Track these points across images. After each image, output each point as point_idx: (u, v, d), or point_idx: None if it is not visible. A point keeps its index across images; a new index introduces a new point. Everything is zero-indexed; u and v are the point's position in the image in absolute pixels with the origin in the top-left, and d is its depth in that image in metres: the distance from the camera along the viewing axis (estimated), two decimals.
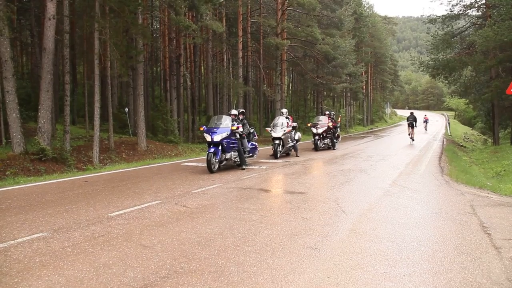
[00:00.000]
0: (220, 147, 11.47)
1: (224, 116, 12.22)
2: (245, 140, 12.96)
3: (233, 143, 12.10)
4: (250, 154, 13.38)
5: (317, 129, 19.26)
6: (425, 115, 46.70)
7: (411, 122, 26.24)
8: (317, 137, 19.30)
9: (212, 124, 12.04)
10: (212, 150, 11.24)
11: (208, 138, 11.41)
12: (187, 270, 4.02)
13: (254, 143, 13.81)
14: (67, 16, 15.53)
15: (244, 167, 12.21)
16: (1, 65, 13.52)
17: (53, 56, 14.66)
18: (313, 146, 19.55)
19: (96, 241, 4.89)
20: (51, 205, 6.85)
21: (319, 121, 19.90)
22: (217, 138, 11.30)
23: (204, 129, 11.74)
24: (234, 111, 12.87)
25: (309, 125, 21.35)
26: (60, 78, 24.31)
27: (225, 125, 11.74)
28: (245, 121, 13.53)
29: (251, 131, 13.84)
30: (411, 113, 27.88)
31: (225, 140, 11.54)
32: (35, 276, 3.83)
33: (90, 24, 18.38)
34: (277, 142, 15.53)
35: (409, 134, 26.25)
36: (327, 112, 21.76)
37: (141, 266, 4.11)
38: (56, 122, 19.92)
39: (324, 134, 19.67)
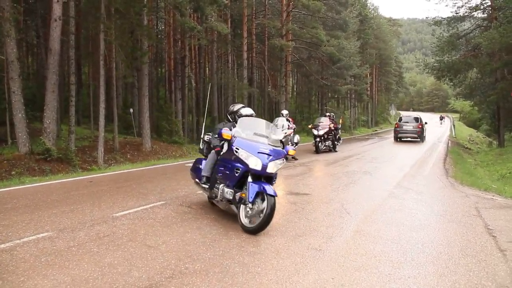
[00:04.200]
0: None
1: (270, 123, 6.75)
2: None
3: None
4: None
5: (318, 131, 18.64)
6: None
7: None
8: (318, 139, 18.64)
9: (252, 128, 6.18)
10: (257, 188, 5.43)
11: (252, 163, 5.48)
12: (192, 271, 4.03)
13: None
14: (73, 17, 15.61)
15: None
16: (7, 66, 13.58)
17: (58, 57, 14.72)
18: (314, 148, 19.05)
19: (101, 241, 4.91)
20: (56, 205, 6.88)
21: (320, 122, 19.33)
22: (271, 168, 5.58)
23: (231, 135, 5.76)
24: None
25: (310, 126, 20.62)
26: (66, 79, 24.38)
27: (276, 142, 6.20)
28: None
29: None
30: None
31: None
32: (40, 275, 3.85)
33: (95, 25, 18.39)
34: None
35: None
36: (328, 114, 21.31)
37: (146, 266, 4.13)
38: (61, 123, 19.99)
39: (326, 136, 18.98)
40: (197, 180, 6.83)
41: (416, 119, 27.44)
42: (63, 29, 15.30)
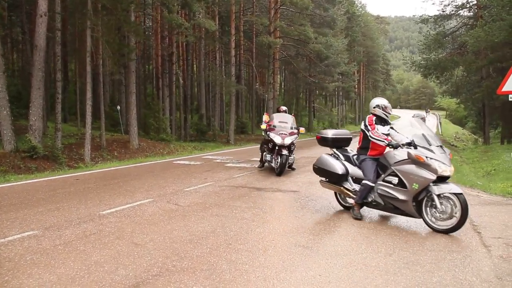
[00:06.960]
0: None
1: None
2: None
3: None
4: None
5: (282, 139, 10.41)
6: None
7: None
8: (284, 152, 10.43)
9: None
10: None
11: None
12: (179, 268, 4.02)
13: None
14: (59, 13, 15.42)
15: None
16: None
17: (44, 54, 14.55)
18: (260, 163, 12.11)
19: (88, 239, 4.88)
20: (42, 203, 6.81)
21: (282, 122, 11.14)
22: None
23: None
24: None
25: (263, 127, 11.42)
26: (52, 75, 24.10)
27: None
28: None
29: None
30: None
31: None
32: (26, 274, 3.81)
33: (82, 21, 18.22)
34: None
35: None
36: (285, 108, 12.52)
37: (133, 264, 4.10)
38: (47, 120, 19.79)
39: (291, 148, 11.01)
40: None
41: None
42: (49, 25, 15.12)
